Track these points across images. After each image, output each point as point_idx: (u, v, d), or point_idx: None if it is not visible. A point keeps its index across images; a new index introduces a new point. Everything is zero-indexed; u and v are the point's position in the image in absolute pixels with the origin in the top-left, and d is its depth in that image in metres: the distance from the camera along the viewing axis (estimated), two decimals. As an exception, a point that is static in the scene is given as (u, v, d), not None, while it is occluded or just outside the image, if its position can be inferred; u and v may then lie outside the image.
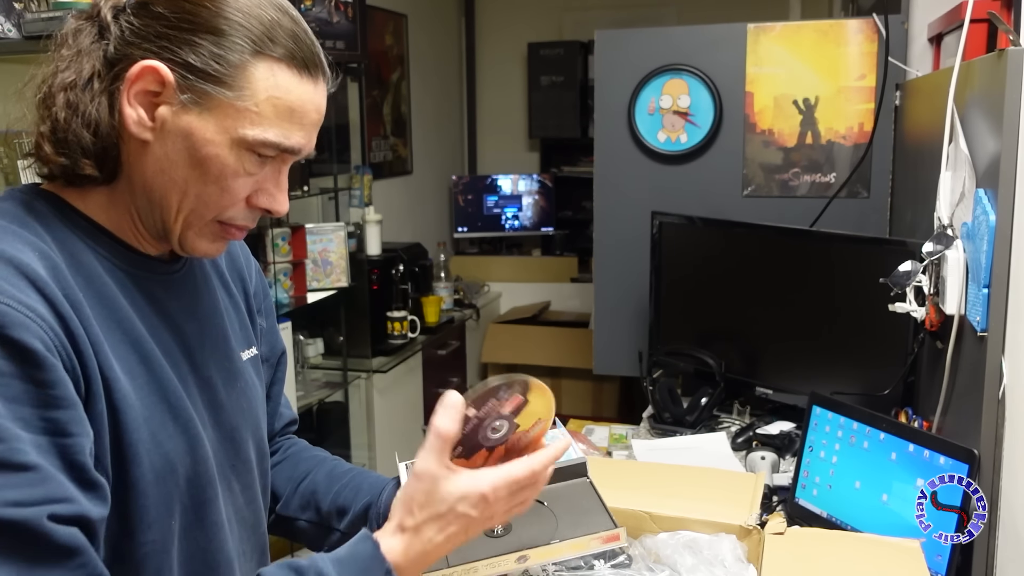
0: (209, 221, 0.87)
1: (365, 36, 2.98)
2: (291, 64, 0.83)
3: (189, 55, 0.81)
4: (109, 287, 0.84)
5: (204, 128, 0.82)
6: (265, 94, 0.82)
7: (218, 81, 0.81)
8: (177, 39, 0.81)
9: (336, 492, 1.10)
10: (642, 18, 4.43)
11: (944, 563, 1.24)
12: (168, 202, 0.85)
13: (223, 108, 0.82)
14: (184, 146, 0.83)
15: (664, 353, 2.22)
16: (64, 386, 0.74)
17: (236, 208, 0.87)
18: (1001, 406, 1.26)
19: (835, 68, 2.26)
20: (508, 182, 4.64)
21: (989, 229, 1.24)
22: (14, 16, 2.06)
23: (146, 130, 0.83)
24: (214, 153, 0.83)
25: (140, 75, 0.81)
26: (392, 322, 3.29)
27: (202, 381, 0.92)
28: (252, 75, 0.82)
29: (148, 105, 0.82)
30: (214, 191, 0.84)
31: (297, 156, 0.87)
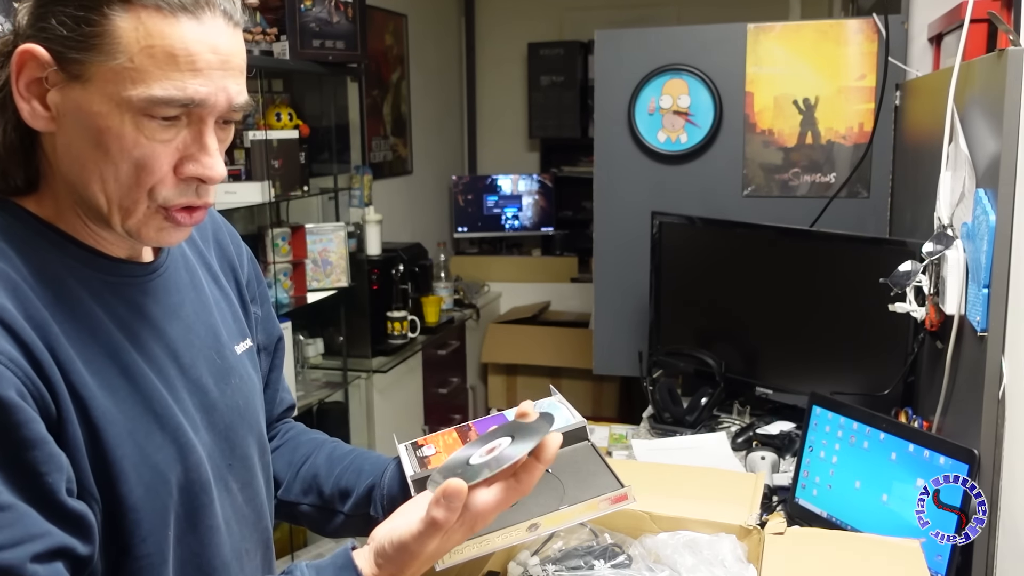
0: (146, 208, 0.79)
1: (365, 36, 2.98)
2: (160, 6, 0.74)
3: (57, 27, 0.74)
4: (81, 299, 0.80)
5: (90, 100, 0.75)
6: (137, 46, 0.74)
7: (87, 46, 0.74)
8: (45, 13, 0.75)
9: (338, 475, 1.08)
10: (642, 18, 4.43)
11: (944, 563, 1.24)
12: (92, 191, 0.78)
13: (101, 74, 0.74)
14: (81, 126, 0.76)
15: (664, 353, 2.22)
16: (31, 425, 0.71)
17: (164, 185, 0.78)
18: (1001, 406, 1.26)
19: (835, 68, 2.26)
20: (508, 182, 4.64)
21: (989, 229, 1.24)
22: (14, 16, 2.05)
23: (43, 120, 0.77)
24: (106, 125, 0.75)
25: (21, 62, 0.75)
26: (392, 322, 3.29)
27: (191, 384, 0.89)
28: (116, 28, 0.74)
29: (40, 94, 0.76)
30: (127, 169, 0.77)
31: (209, 109, 0.77)
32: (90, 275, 0.81)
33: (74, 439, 0.75)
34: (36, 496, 0.71)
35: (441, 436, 1.04)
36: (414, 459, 1.00)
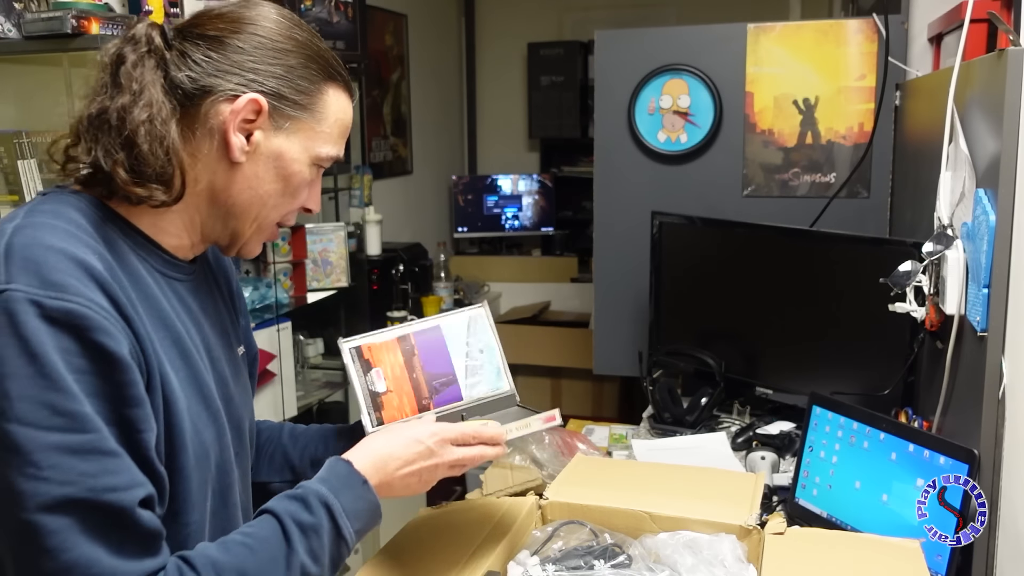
0: (272, 224, 0.99)
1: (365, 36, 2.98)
2: (345, 88, 0.98)
3: (279, 85, 0.92)
4: (151, 288, 0.91)
5: (291, 148, 0.94)
6: (334, 116, 0.96)
7: (302, 107, 0.94)
8: (264, 71, 0.92)
9: (303, 447, 1.20)
10: (642, 18, 4.43)
11: (944, 563, 1.24)
12: (248, 213, 0.96)
13: (305, 130, 0.95)
14: (274, 165, 0.94)
15: (664, 353, 2.22)
16: (137, 386, 0.81)
17: (291, 213, 1.00)
18: (1001, 406, 1.26)
19: (835, 68, 2.26)
20: (508, 182, 4.64)
21: (989, 229, 1.24)
22: (14, 16, 2.06)
23: (244, 154, 0.93)
24: (297, 170, 0.95)
25: (245, 107, 0.91)
26: (392, 322, 3.29)
27: (218, 376, 0.99)
28: (326, 100, 0.96)
29: (245, 132, 0.92)
30: (288, 200, 0.97)
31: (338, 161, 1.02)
32: (153, 267, 0.94)
33: (157, 407, 0.86)
34: (134, 451, 0.81)
35: (385, 352, 1.16)
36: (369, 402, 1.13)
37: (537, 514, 1.31)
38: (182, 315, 0.95)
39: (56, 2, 2.03)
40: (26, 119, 2.25)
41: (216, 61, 0.91)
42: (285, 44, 0.93)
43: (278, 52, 0.93)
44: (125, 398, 0.80)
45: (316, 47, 0.96)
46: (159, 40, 0.92)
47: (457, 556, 1.14)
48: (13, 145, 2.13)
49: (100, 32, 2.00)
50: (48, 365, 0.76)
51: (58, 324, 0.77)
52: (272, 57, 0.92)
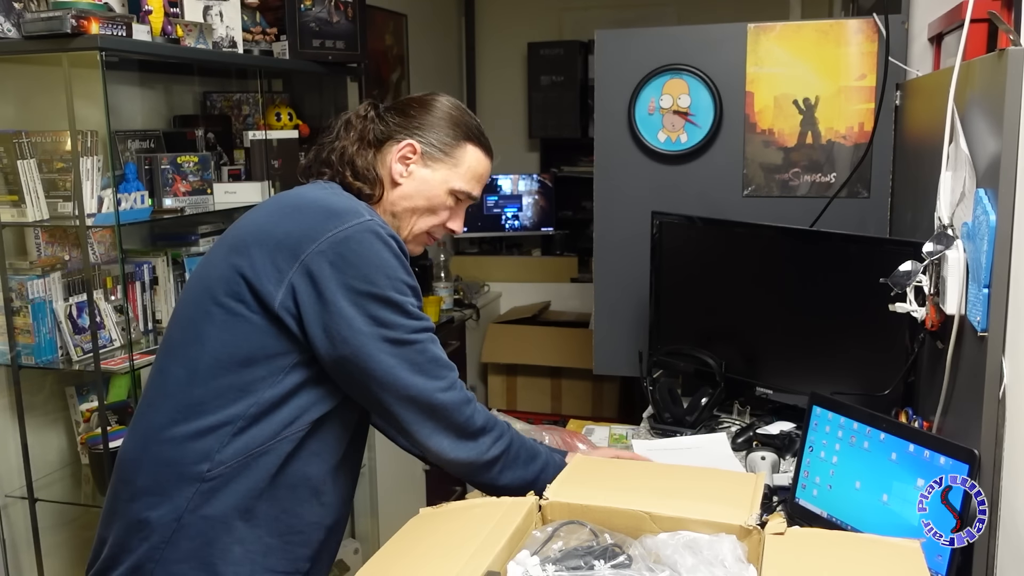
0: (423, 232, 1.48)
1: (365, 36, 2.97)
2: (482, 148, 1.48)
3: (431, 138, 1.44)
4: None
5: (434, 179, 1.45)
6: (467, 164, 1.46)
7: (444, 154, 1.45)
8: (423, 129, 1.45)
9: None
10: (642, 18, 4.43)
11: (944, 563, 1.24)
12: (406, 219, 1.46)
13: (445, 169, 1.45)
14: (421, 188, 1.45)
15: (664, 353, 2.22)
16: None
17: (438, 227, 1.49)
18: (1001, 406, 1.26)
19: (835, 68, 2.26)
20: (508, 182, 4.64)
21: (989, 229, 1.24)
22: (14, 16, 2.05)
23: (401, 176, 1.44)
24: (436, 194, 1.45)
25: (404, 147, 1.44)
26: (392, 322, 3.28)
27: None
28: (464, 152, 1.46)
29: (404, 162, 1.44)
30: (430, 216, 1.47)
31: (472, 201, 1.50)
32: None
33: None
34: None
35: None
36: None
37: (537, 514, 1.31)
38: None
39: (56, 2, 2.03)
40: (26, 119, 2.25)
41: (399, 121, 1.46)
42: (442, 115, 1.46)
43: (436, 119, 1.45)
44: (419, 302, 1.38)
45: (464, 120, 1.47)
46: (372, 112, 1.47)
47: (457, 556, 1.14)
48: (13, 145, 2.13)
49: (100, 32, 2.00)
50: (399, 259, 1.32)
51: (394, 241, 1.32)
52: (431, 122, 1.45)
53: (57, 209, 2.21)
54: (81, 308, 2.27)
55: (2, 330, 2.23)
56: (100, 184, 2.18)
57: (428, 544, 1.22)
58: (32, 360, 2.22)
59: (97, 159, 2.17)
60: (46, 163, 2.20)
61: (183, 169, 2.47)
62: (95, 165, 2.16)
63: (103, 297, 2.31)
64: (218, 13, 2.50)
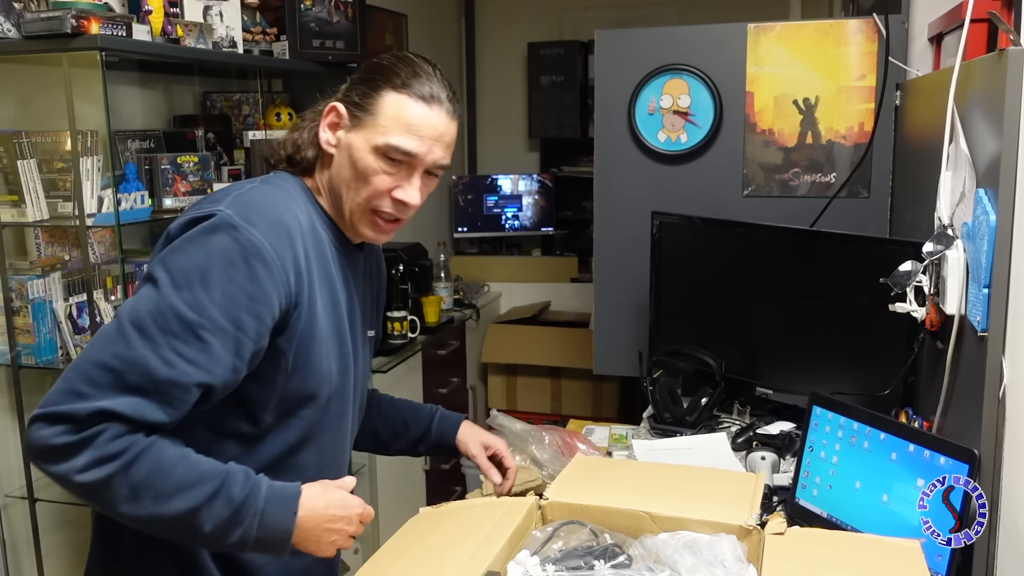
0: (368, 209, 1.26)
1: (365, 36, 2.97)
2: (407, 92, 1.23)
3: (352, 95, 1.25)
4: (327, 256, 1.26)
5: (357, 140, 1.24)
6: (389, 114, 1.22)
7: (364, 110, 1.23)
8: (348, 89, 1.27)
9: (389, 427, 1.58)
10: (642, 18, 4.43)
11: (944, 563, 1.24)
12: (344, 196, 1.26)
13: (368, 127, 1.23)
14: (348, 155, 1.24)
15: (664, 353, 2.22)
16: (265, 306, 1.12)
17: (381, 199, 1.25)
18: (1001, 406, 1.26)
19: (835, 68, 2.26)
20: (508, 182, 4.64)
21: (989, 229, 1.24)
22: (14, 16, 2.05)
23: (331, 146, 1.27)
24: (361, 157, 1.23)
25: (327, 112, 1.27)
26: (392, 322, 3.28)
27: (354, 336, 1.33)
28: (383, 101, 1.23)
29: (332, 129, 1.27)
30: (363, 184, 1.24)
31: (419, 160, 1.24)
32: (334, 243, 1.29)
33: (296, 328, 1.18)
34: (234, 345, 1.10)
35: None
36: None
37: (537, 514, 1.31)
38: (344, 283, 1.29)
39: (56, 2, 2.02)
40: (26, 119, 2.25)
41: (337, 91, 1.30)
42: (366, 68, 1.28)
43: (360, 75, 1.27)
44: (249, 310, 1.10)
45: (385, 65, 1.25)
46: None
47: (457, 556, 1.14)
48: (13, 145, 2.13)
49: (100, 32, 2.00)
50: (211, 266, 1.09)
51: (239, 244, 1.11)
52: (355, 79, 1.27)
53: (57, 209, 2.21)
54: (81, 308, 2.27)
55: (2, 330, 2.23)
56: (100, 184, 2.18)
57: (428, 544, 1.22)
58: (32, 360, 2.22)
59: (97, 159, 2.17)
60: (46, 163, 2.20)
61: (183, 169, 2.47)
62: (95, 165, 2.16)
63: (103, 297, 2.31)
64: (218, 13, 2.50)
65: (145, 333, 1.06)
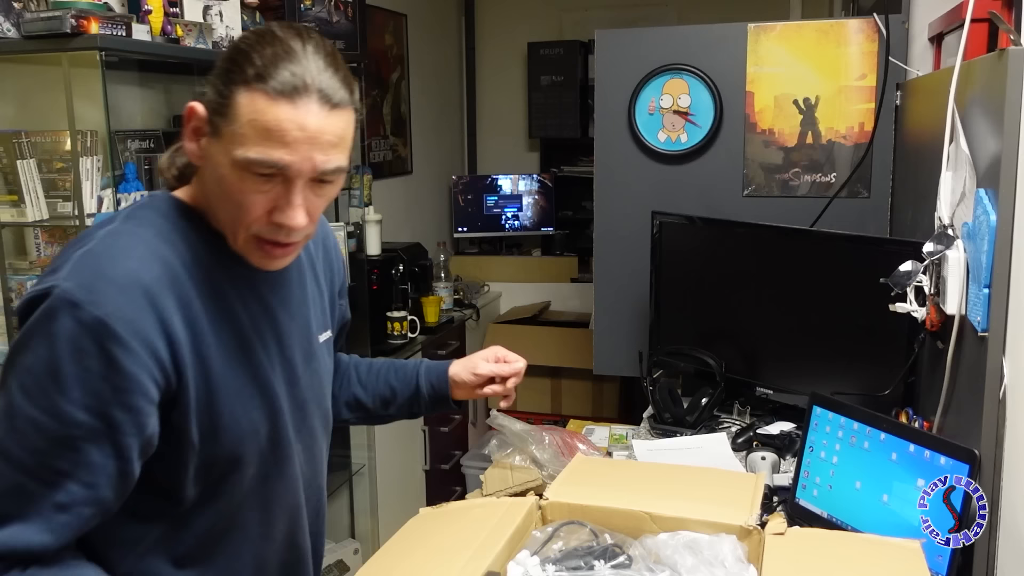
0: (249, 236, 1.01)
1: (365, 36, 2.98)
2: (261, 87, 0.94)
3: (210, 94, 0.98)
4: (223, 286, 1.04)
5: (217, 152, 0.97)
6: (243, 118, 0.94)
7: (219, 113, 0.96)
8: (208, 84, 0.99)
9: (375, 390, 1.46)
10: (642, 18, 4.43)
11: (945, 564, 1.24)
12: (218, 216, 1.03)
13: (225, 134, 0.96)
14: (212, 169, 1.00)
15: (664, 353, 2.22)
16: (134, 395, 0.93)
17: (259, 223, 0.99)
18: (1002, 406, 1.26)
19: (835, 68, 2.26)
20: (508, 182, 4.64)
21: (990, 229, 1.24)
22: (13, 16, 2.05)
23: (196, 158, 1.02)
24: (223, 174, 0.97)
25: (188, 115, 1.00)
26: (392, 322, 3.28)
27: (285, 361, 1.13)
28: (235, 103, 0.95)
29: (198, 139, 1.00)
30: (233, 207, 0.99)
31: (295, 172, 0.96)
32: (232, 264, 1.05)
33: (188, 398, 0.99)
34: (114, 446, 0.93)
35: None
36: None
37: (537, 514, 1.31)
38: (253, 307, 1.08)
39: (55, 2, 2.02)
40: (25, 119, 2.24)
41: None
42: (221, 57, 0.99)
43: (224, 67, 0.98)
44: (118, 402, 0.93)
45: (235, 55, 0.97)
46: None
47: (457, 556, 1.14)
48: (12, 145, 2.13)
49: (99, 32, 2.00)
50: (60, 360, 0.91)
51: (84, 326, 0.91)
52: (218, 72, 0.98)
53: (57, 209, 2.20)
54: (81, 308, 2.27)
55: (2, 330, 2.23)
56: (100, 184, 2.18)
57: (428, 544, 1.22)
58: (32, 360, 2.22)
59: (97, 159, 2.17)
60: (46, 163, 2.20)
61: (183, 169, 2.46)
62: (95, 165, 2.16)
63: (103, 297, 2.31)
64: (218, 13, 2.50)
65: (8, 456, 0.91)
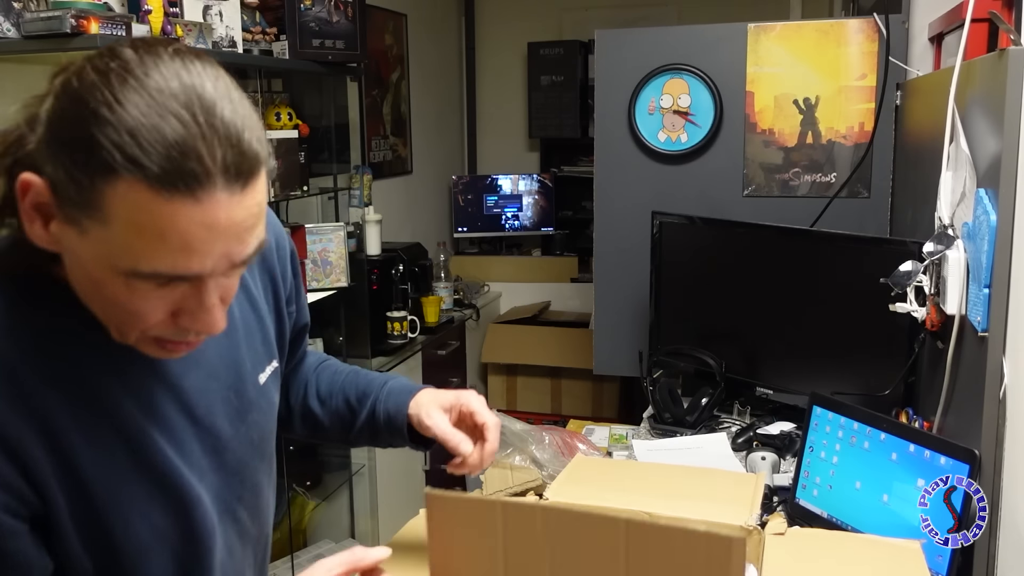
0: (139, 336, 0.77)
1: (365, 36, 2.97)
2: (153, 184, 0.66)
3: (58, 172, 0.69)
4: (90, 372, 0.79)
5: (84, 252, 0.71)
6: (127, 221, 0.68)
7: (81, 204, 0.68)
8: (53, 152, 0.69)
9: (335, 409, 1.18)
10: (642, 18, 4.43)
11: (945, 564, 1.24)
12: (95, 309, 0.77)
13: (93, 235, 0.69)
14: (78, 265, 0.74)
15: (664, 353, 2.21)
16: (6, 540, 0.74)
17: (158, 328, 0.76)
18: (1002, 406, 1.26)
19: (835, 68, 2.26)
20: (508, 182, 4.64)
21: (990, 229, 1.24)
22: (13, 16, 2.05)
23: (45, 241, 0.73)
24: (101, 279, 0.72)
25: (23, 188, 0.71)
26: (392, 322, 3.28)
27: (203, 433, 0.89)
28: (110, 201, 0.67)
29: (44, 218, 0.72)
30: (121, 312, 0.75)
31: (207, 275, 0.72)
32: (104, 338, 0.79)
33: (63, 525, 0.78)
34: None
35: None
36: None
37: (537, 514, 1.31)
38: (142, 384, 0.83)
39: (55, 2, 2.02)
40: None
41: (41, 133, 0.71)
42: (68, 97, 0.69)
43: (74, 126, 0.68)
44: None
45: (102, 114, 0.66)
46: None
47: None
48: (12, 145, 2.13)
49: (99, 32, 2.00)
50: None
51: None
52: (62, 131, 0.69)
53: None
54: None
55: None
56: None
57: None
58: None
59: (97, 159, 2.17)
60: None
61: (183, 169, 2.46)
62: (95, 165, 2.16)
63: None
64: (218, 13, 2.50)
65: None
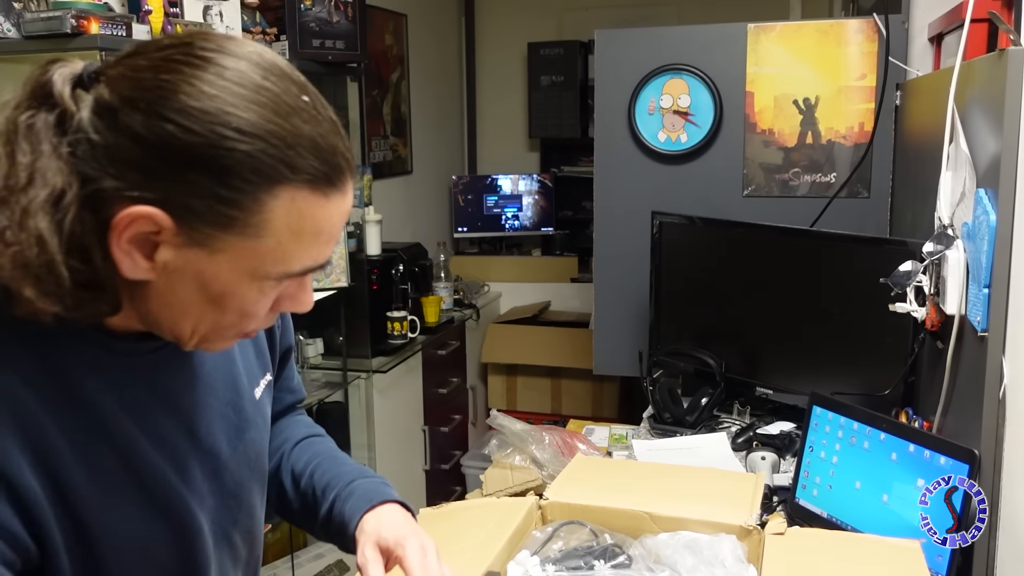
0: (227, 337, 0.81)
1: (365, 36, 2.97)
2: (315, 185, 0.71)
3: (188, 197, 0.68)
4: (92, 396, 0.78)
5: (218, 269, 0.72)
6: (287, 229, 0.71)
7: (228, 227, 0.69)
8: (167, 174, 0.67)
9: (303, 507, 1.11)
10: (642, 18, 4.43)
11: (945, 564, 1.24)
12: (181, 328, 0.78)
13: (237, 249, 0.71)
14: (195, 285, 0.73)
15: (664, 353, 2.22)
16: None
17: (257, 321, 0.80)
18: (1002, 406, 1.26)
19: (835, 68, 2.26)
20: (508, 182, 4.64)
21: (990, 229, 1.24)
22: (14, 16, 2.05)
23: (144, 272, 0.72)
24: (232, 291, 0.74)
25: (130, 223, 0.68)
26: (392, 322, 3.28)
27: (204, 452, 0.89)
28: (270, 212, 0.69)
29: (146, 245, 0.70)
30: (233, 318, 0.77)
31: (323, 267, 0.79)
32: (108, 361, 0.79)
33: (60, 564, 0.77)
34: None
35: None
36: None
37: (537, 514, 1.31)
38: (143, 407, 0.82)
39: (56, 2, 2.02)
40: None
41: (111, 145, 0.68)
42: (206, 137, 0.66)
43: (194, 151, 0.67)
44: None
45: (273, 131, 0.68)
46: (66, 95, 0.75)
47: (457, 556, 1.14)
48: (13, 145, 2.13)
49: (100, 32, 2.00)
50: None
51: None
52: (181, 156, 0.67)
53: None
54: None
55: None
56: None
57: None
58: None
59: (97, 159, 2.17)
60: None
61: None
62: (95, 165, 2.16)
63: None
64: (218, 13, 2.50)
65: None
